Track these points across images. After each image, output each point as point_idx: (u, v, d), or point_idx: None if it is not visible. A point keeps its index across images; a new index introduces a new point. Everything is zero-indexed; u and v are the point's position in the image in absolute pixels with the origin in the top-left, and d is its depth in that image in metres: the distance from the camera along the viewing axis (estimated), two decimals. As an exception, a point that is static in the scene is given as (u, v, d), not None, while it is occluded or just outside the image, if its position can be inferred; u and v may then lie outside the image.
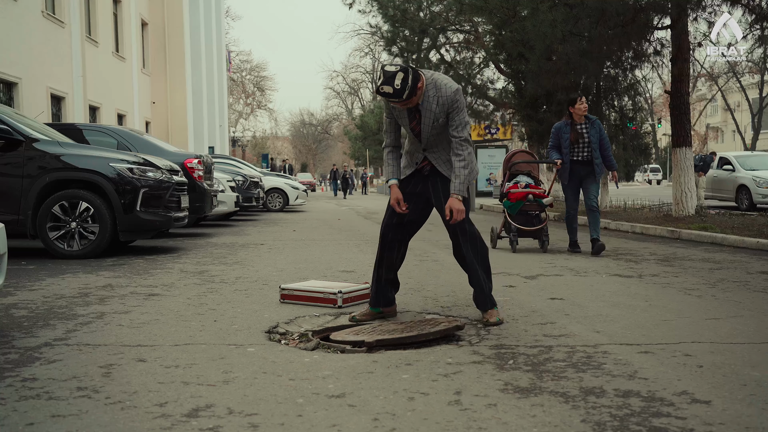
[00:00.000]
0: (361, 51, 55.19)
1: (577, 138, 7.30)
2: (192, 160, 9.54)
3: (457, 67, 18.44)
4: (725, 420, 2.28)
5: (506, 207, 7.72)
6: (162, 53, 27.79)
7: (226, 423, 2.24)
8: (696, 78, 39.59)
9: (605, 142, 7.37)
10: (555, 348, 3.24)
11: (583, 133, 7.32)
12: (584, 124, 7.36)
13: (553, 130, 7.55)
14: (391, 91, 3.42)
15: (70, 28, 17.98)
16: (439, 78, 3.64)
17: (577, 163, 7.36)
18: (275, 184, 18.52)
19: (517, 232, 7.65)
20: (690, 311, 4.16)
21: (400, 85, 3.41)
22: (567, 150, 7.33)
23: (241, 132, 58.85)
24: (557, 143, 7.45)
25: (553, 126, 7.74)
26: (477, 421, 2.26)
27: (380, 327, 3.58)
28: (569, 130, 7.35)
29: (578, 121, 7.37)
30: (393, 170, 3.84)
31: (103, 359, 3.00)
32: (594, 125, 7.34)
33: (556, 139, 7.45)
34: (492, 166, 28.35)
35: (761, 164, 16.94)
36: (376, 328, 3.54)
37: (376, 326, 3.62)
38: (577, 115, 7.35)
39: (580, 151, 7.32)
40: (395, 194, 3.76)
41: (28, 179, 6.68)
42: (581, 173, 7.37)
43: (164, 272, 5.82)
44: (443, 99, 3.60)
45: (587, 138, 7.30)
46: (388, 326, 3.59)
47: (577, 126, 7.35)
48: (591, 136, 7.28)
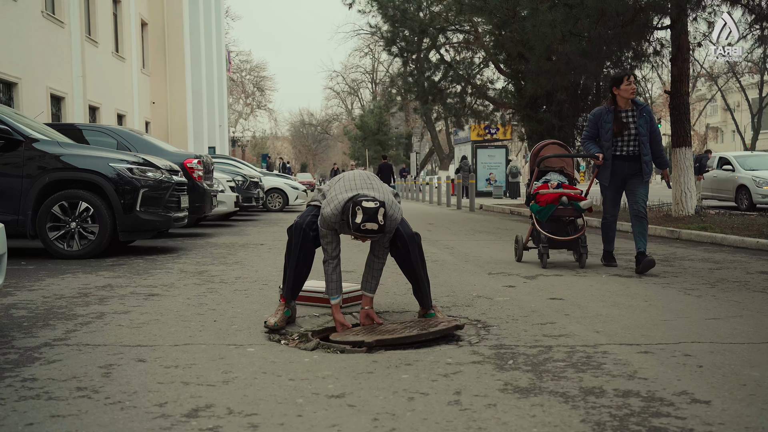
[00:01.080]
0: (361, 51, 55.27)
1: (622, 128, 5.91)
2: (192, 160, 9.54)
3: (456, 67, 18.43)
4: (725, 420, 2.28)
5: (534, 212, 6.29)
6: (162, 53, 27.81)
7: (225, 423, 2.24)
8: (696, 78, 39.56)
9: (656, 133, 5.98)
10: (555, 348, 3.24)
11: (629, 122, 5.92)
12: (631, 110, 5.95)
13: (590, 117, 6.17)
14: (377, 227, 3.39)
15: (70, 28, 17.99)
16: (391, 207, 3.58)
17: (620, 160, 6.00)
18: (275, 184, 18.51)
19: (548, 243, 6.21)
20: (690, 311, 4.16)
21: (383, 221, 3.40)
22: (609, 143, 5.95)
23: (241, 132, 58.90)
24: (594, 133, 6.08)
25: (591, 112, 6.44)
26: (477, 421, 2.26)
27: (380, 327, 3.58)
28: (612, 119, 5.94)
29: (623, 107, 5.96)
30: (337, 286, 3.74)
31: (102, 359, 3.00)
32: (643, 112, 5.92)
33: (594, 129, 6.07)
34: (492, 166, 28.38)
35: (761, 164, 16.95)
36: (375, 328, 3.54)
37: (375, 326, 3.62)
38: (623, 99, 5.93)
39: (625, 144, 5.95)
40: (339, 317, 3.68)
41: (28, 179, 6.68)
42: (625, 172, 6.01)
43: (164, 272, 5.82)
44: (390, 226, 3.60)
45: (634, 129, 5.90)
46: (387, 326, 3.59)
47: (621, 113, 5.95)
48: (639, 126, 5.88)
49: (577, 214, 6.26)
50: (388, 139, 46.78)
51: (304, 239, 3.74)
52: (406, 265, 3.84)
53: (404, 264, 3.85)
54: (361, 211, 3.37)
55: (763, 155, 18.62)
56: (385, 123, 46.75)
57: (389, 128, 47.66)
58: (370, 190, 3.64)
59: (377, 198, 3.46)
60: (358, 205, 3.39)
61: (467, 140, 30.82)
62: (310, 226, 3.76)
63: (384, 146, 46.02)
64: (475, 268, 6.17)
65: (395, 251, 3.85)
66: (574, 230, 6.31)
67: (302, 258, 3.76)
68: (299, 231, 3.75)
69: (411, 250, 3.80)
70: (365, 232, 3.40)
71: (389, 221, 3.53)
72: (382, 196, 3.58)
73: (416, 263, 3.83)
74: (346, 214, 3.47)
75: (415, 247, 3.83)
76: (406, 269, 3.86)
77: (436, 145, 43.71)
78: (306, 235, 3.74)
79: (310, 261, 3.82)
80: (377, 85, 55.20)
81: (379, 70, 54.60)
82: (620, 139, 5.94)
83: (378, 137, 46.01)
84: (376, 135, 45.96)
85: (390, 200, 3.60)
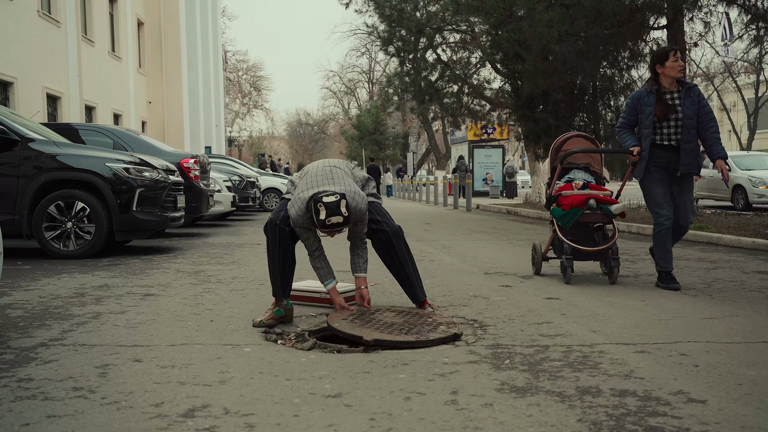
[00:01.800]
0: (358, 51, 55.26)
1: (667, 112, 5.00)
2: (188, 159, 9.53)
3: (453, 66, 18.44)
4: (721, 419, 2.28)
5: (556, 217, 5.33)
6: (158, 53, 27.76)
7: (222, 423, 2.24)
8: (692, 78, 39.64)
9: (708, 117, 4.98)
10: (551, 348, 3.24)
11: (676, 104, 5.01)
12: (677, 91, 5.05)
13: (628, 102, 5.26)
14: (342, 219, 3.47)
15: (66, 28, 17.95)
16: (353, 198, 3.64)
17: (664, 150, 5.04)
18: (272, 183, 18.52)
19: (572, 254, 5.25)
20: (686, 311, 4.16)
21: (346, 212, 3.47)
22: (649, 130, 5.03)
23: (238, 132, 58.79)
24: (632, 121, 5.16)
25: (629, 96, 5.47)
26: (473, 421, 2.27)
27: (378, 319, 3.58)
28: (654, 101, 5.04)
29: (668, 88, 5.05)
30: (326, 272, 3.87)
31: (99, 359, 3.00)
32: (691, 93, 5.02)
33: (632, 115, 5.15)
34: (488, 166, 28.43)
35: (757, 164, 16.98)
36: (373, 319, 3.55)
37: (370, 315, 3.65)
38: (668, 79, 5.03)
39: (672, 131, 5.02)
40: (338, 299, 3.83)
41: (24, 179, 6.66)
42: (672, 165, 5.05)
43: (160, 272, 5.81)
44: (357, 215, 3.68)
45: (681, 112, 5.00)
46: (385, 317, 3.60)
47: (666, 95, 5.05)
48: (687, 109, 4.98)
49: (608, 219, 5.29)
50: (384, 139, 46.76)
51: (281, 236, 3.76)
52: (388, 257, 3.91)
53: (386, 256, 3.91)
54: (323, 208, 3.45)
55: (760, 155, 18.66)
56: (382, 123, 46.74)
57: (386, 128, 47.66)
58: (331, 184, 3.70)
59: (336, 191, 3.54)
60: (318, 202, 3.47)
61: (464, 140, 30.86)
62: (284, 221, 3.77)
63: (381, 146, 46.01)
64: (472, 268, 6.17)
65: (377, 244, 3.91)
66: (603, 239, 5.40)
67: (282, 254, 3.77)
68: (274, 228, 3.77)
69: (395, 243, 3.87)
70: (332, 226, 3.49)
71: (353, 212, 3.61)
72: (342, 188, 3.65)
73: (401, 255, 3.89)
74: (310, 212, 3.54)
75: (399, 240, 3.89)
76: (389, 262, 3.92)
77: (432, 145, 43.73)
78: (282, 232, 3.76)
79: (292, 256, 3.83)
80: (374, 85, 55.17)
81: (376, 70, 54.60)
82: (665, 125, 5.01)
83: (375, 137, 45.97)
84: (372, 135, 45.91)
85: (352, 191, 3.66)
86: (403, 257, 3.92)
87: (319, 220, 3.47)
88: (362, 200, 3.70)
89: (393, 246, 3.89)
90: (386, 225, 3.89)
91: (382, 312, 3.74)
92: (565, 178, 5.59)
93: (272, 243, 3.78)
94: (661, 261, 5.07)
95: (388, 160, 46.61)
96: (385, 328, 3.41)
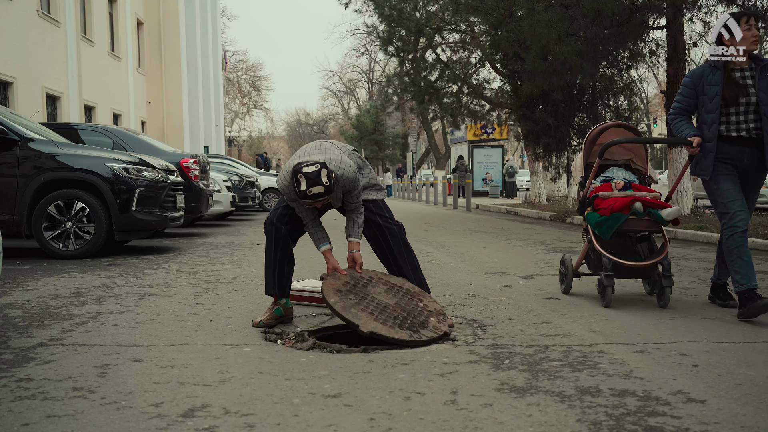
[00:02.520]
0: (357, 51, 55.24)
1: (737, 94, 3.93)
2: (188, 159, 9.52)
3: (453, 66, 18.46)
4: (720, 419, 2.28)
5: (593, 224, 4.33)
6: (158, 53, 27.74)
7: (222, 423, 2.24)
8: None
9: None
10: (551, 347, 3.24)
11: (747, 84, 3.96)
12: (749, 69, 3.99)
13: (686, 80, 4.13)
14: (323, 189, 3.39)
15: (65, 28, 17.94)
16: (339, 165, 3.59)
17: (732, 144, 4.00)
18: (272, 183, 18.50)
19: (612, 270, 4.22)
20: (685, 311, 4.17)
21: (327, 181, 3.40)
22: (714, 116, 3.96)
23: (237, 132, 58.80)
24: (691, 105, 4.10)
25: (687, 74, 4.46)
26: (473, 421, 2.27)
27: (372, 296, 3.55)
28: (720, 79, 3.95)
29: (738, 65, 3.98)
30: (321, 236, 3.80)
31: (98, 359, 3.00)
32: (765, 72, 3.94)
33: (691, 96, 4.07)
34: (488, 166, 28.44)
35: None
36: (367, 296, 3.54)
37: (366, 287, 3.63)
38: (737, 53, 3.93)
39: (744, 118, 3.97)
40: (332, 261, 3.78)
41: (24, 179, 6.66)
42: (744, 160, 4.01)
43: (160, 272, 5.81)
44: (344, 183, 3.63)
45: (755, 95, 3.93)
46: (379, 295, 3.58)
47: (736, 72, 3.98)
48: (763, 93, 3.91)
49: (656, 227, 4.29)
50: (384, 139, 46.77)
51: (277, 234, 3.75)
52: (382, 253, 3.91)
53: (380, 252, 3.91)
54: (303, 178, 3.39)
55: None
56: (382, 123, 46.75)
57: (385, 128, 47.67)
58: (317, 154, 3.65)
59: (318, 161, 3.48)
60: (299, 173, 3.41)
61: (463, 140, 30.87)
62: (281, 220, 3.76)
63: (380, 146, 46.02)
64: (472, 268, 6.18)
65: (371, 239, 3.91)
66: (652, 252, 4.39)
67: (280, 253, 3.76)
68: (271, 226, 3.76)
69: (393, 243, 3.87)
70: (314, 197, 3.41)
71: (339, 180, 3.56)
72: (325, 157, 3.59)
73: (397, 251, 3.89)
74: (293, 184, 3.49)
75: (396, 238, 3.89)
76: (384, 258, 3.91)
77: (432, 145, 43.73)
78: (278, 230, 3.75)
79: (290, 254, 3.81)
80: (374, 85, 55.19)
81: (376, 70, 54.62)
82: (732, 110, 3.97)
83: (374, 137, 45.98)
84: (372, 135, 45.92)
85: (337, 159, 3.60)
86: (398, 251, 3.91)
87: (301, 191, 3.40)
88: (349, 168, 3.61)
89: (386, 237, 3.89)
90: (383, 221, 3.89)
91: (374, 284, 3.69)
92: (602, 177, 4.59)
93: (269, 241, 3.78)
94: (739, 277, 3.84)
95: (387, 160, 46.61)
96: (379, 313, 3.39)
